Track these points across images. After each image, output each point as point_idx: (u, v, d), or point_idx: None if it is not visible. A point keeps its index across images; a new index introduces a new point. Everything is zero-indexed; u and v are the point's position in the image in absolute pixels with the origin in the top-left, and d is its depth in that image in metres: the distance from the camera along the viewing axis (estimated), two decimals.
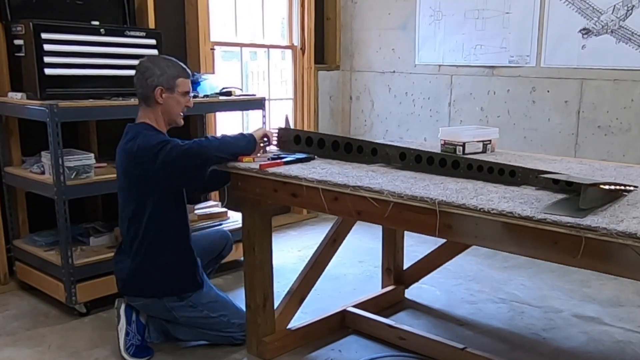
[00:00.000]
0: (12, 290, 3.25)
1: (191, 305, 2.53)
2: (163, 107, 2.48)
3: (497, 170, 2.05)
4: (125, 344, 2.50)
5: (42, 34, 2.81)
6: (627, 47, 3.59)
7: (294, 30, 4.71)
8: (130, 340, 2.51)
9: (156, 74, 2.43)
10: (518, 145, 3.98)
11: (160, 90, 2.44)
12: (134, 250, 2.49)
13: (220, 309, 2.58)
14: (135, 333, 2.53)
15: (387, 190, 1.88)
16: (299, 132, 2.57)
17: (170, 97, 2.47)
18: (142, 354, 2.52)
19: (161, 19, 3.64)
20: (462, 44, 4.29)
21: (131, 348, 2.50)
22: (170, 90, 2.46)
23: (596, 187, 1.72)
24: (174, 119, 2.53)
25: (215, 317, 2.57)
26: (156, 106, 2.47)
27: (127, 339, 2.50)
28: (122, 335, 2.51)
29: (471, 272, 3.65)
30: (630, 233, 1.43)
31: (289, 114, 4.76)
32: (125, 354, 2.48)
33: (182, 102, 2.51)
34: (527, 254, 1.71)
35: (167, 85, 2.45)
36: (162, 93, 2.44)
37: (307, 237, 4.33)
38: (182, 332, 2.61)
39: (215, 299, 2.59)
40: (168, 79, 2.45)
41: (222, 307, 2.59)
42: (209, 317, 2.56)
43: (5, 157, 3.19)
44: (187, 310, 2.53)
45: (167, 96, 2.46)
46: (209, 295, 2.58)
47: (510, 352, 2.66)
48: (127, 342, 2.50)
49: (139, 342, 2.53)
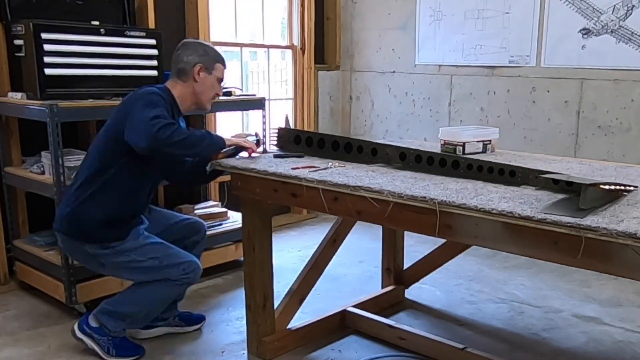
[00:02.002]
0: (12, 290, 3.25)
1: (117, 252, 2.43)
2: (197, 86, 2.52)
3: (497, 170, 2.05)
4: (104, 350, 2.48)
5: (42, 34, 2.81)
6: (627, 47, 3.59)
7: (294, 30, 4.71)
8: (105, 344, 2.49)
9: (199, 52, 2.52)
10: (518, 145, 3.98)
11: (200, 68, 2.51)
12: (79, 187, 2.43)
13: (149, 253, 2.45)
14: (100, 337, 2.50)
15: (387, 190, 1.88)
16: (299, 132, 2.57)
17: (207, 78, 2.53)
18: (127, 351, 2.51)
19: (161, 19, 3.64)
20: (462, 44, 4.29)
21: (111, 350, 2.49)
22: (208, 71, 2.53)
23: (596, 187, 1.73)
24: (203, 102, 2.57)
25: (144, 261, 2.44)
26: (191, 83, 2.52)
27: (102, 347, 2.49)
28: (97, 349, 2.49)
29: (471, 272, 3.65)
30: (630, 233, 1.43)
31: (289, 114, 4.76)
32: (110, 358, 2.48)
33: (215, 87, 2.58)
34: (527, 254, 1.71)
35: (207, 65, 2.52)
36: (200, 71, 2.51)
37: (307, 237, 4.33)
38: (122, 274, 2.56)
39: (143, 243, 2.47)
40: (210, 60, 2.53)
41: (152, 250, 2.46)
42: (137, 262, 2.44)
43: (5, 157, 3.19)
44: (113, 257, 2.44)
45: (204, 75, 2.53)
46: (136, 241, 2.46)
47: (510, 352, 2.66)
48: (105, 348, 2.48)
49: (110, 341, 2.49)
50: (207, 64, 2.52)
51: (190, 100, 2.55)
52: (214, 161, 2.40)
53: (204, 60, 2.51)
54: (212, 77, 2.55)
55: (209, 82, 2.54)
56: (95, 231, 2.42)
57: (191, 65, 2.50)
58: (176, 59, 2.54)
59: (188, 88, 2.52)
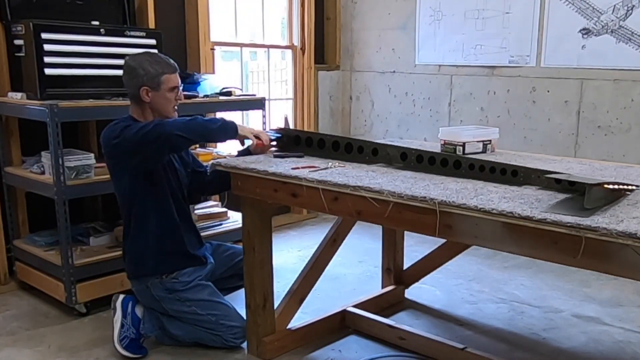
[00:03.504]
0: (12, 290, 3.25)
1: (178, 299, 2.53)
2: (151, 105, 2.49)
3: (499, 170, 2.05)
4: (120, 335, 2.50)
5: (42, 34, 2.81)
6: (627, 47, 3.59)
7: (294, 30, 4.71)
8: (125, 332, 2.51)
9: (140, 74, 2.43)
10: (518, 145, 3.98)
11: (146, 90, 2.45)
12: (124, 233, 2.59)
13: (209, 308, 2.56)
14: (130, 326, 2.52)
15: (387, 190, 1.88)
16: (298, 132, 2.57)
17: (156, 95, 2.47)
18: (135, 349, 2.52)
19: (161, 19, 3.64)
20: (462, 44, 4.29)
21: (125, 340, 2.50)
22: (155, 89, 2.46)
23: (600, 187, 1.73)
24: (166, 115, 2.53)
25: (203, 315, 2.55)
26: (144, 104, 2.49)
27: (121, 331, 2.50)
28: (117, 327, 2.51)
29: (471, 272, 3.65)
30: (630, 233, 1.43)
31: (289, 114, 4.76)
32: (118, 345, 2.49)
33: (170, 98, 2.50)
34: (527, 254, 1.71)
35: (151, 85, 2.45)
36: (148, 93, 2.45)
37: (307, 237, 4.33)
38: (175, 326, 2.60)
39: (207, 297, 2.58)
40: (152, 78, 2.44)
41: (211, 306, 2.57)
42: (196, 314, 2.54)
43: (5, 157, 3.19)
44: (175, 303, 2.54)
45: (153, 95, 2.46)
46: (201, 292, 2.57)
47: (510, 352, 2.66)
48: (122, 334, 2.50)
49: (133, 335, 2.52)
50: (151, 83, 2.44)
51: (152, 116, 2.51)
52: (214, 161, 2.41)
53: (145, 80, 2.43)
54: (162, 92, 2.47)
55: (160, 97, 2.47)
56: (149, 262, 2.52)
57: (137, 90, 2.44)
58: (124, 84, 2.50)
59: (145, 108, 2.50)
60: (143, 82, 2.43)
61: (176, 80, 2.52)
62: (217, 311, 2.56)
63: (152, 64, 2.45)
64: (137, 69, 2.44)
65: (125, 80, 2.49)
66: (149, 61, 2.46)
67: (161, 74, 2.46)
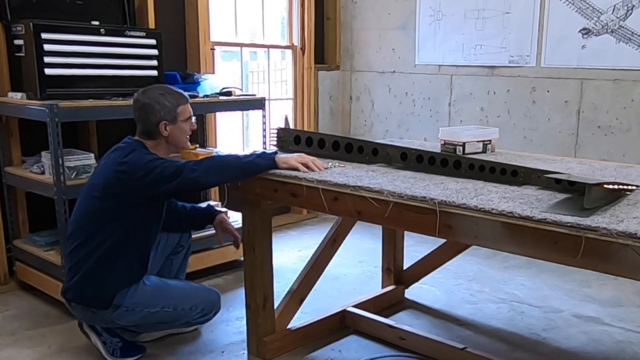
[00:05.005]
0: (12, 290, 3.25)
1: (127, 309, 2.38)
2: (169, 139, 2.45)
3: (499, 170, 2.05)
4: (107, 351, 2.47)
5: (42, 34, 2.81)
6: (627, 47, 3.59)
7: (294, 30, 4.71)
8: (110, 346, 2.47)
9: (156, 109, 2.38)
10: (518, 145, 3.98)
11: (165, 125, 2.40)
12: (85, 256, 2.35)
13: (160, 302, 2.42)
14: (110, 338, 2.47)
15: (387, 190, 1.88)
16: (299, 132, 2.57)
17: (173, 128, 2.43)
18: (130, 353, 2.50)
19: (161, 19, 3.64)
20: (462, 44, 4.29)
21: (115, 352, 2.47)
22: (173, 122, 2.42)
23: (600, 187, 1.73)
24: (180, 146, 2.53)
25: (158, 312, 2.42)
26: (161, 137, 2.43)
27: (106, 347, 2.47)
28: (100, 347, 2.47)
29: (471, 272, 3.65)
30: (630, 233, 1.44)
31: (289, 114, 4.76)
32: (112, 359, 2.47)
33: (185, 129, 2.48)
34: (527, 254, 1.71)
35: (169, 118, 2.40)
36: (167, 127, 2.41)
37: (307, 237, 4.33)
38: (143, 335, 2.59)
39: (150, 293, 2.42)
40: (170, 111, 2.40)
41: (162, 299, 2.43)
42: (150, 314, 2.41)
43: (5, 157, 3.19)
44: (127, 315, 2.38)
45: (171, 127, 2.42)
46: (144, 290, 2.41)
47: (510, 352, 2.66)
48: (109, 349, 2.47)
49: (120, 344, 2.48)
50: (169, 117, 2.40)
51: (167, 150, 2.49)
52: None
53: (163, 114, 2.39)
54: (179, 123, 2.44)
55: (177, 130, 2.44)
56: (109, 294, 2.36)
57: (155, 126, 2.39)
58: (138, 120, 2.43)
59: (160, 143, 2.45)
60: (161, 116, 2.39)
61: (190, 110, 2.50)
62: (169, 300, 2.43)
63: (166, 97, 2.41)
64: (153, 105, 2.38)
65: (141, 117, 2.41)
66: (162, 95, 2.42)
67: (177, 105, 2.43)
